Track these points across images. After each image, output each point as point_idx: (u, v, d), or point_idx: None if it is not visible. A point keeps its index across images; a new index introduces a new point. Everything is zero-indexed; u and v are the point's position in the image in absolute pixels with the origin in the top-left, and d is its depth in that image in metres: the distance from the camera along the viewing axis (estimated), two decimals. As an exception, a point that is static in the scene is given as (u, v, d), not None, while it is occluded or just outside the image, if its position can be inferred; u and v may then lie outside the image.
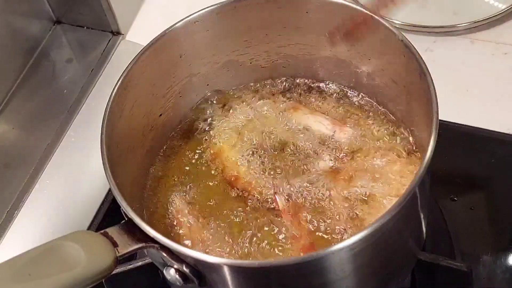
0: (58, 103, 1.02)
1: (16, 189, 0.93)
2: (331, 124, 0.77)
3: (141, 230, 0.59)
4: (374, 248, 0.60)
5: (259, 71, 0.81)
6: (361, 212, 0.69)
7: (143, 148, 0.75)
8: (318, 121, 0.78)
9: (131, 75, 0.70)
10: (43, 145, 0.97)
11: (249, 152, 0.76)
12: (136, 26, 1.11)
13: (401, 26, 0.99)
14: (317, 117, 0.78)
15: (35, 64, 1.06)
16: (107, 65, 1.06)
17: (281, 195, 0.71)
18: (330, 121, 0.77)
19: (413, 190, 0.58)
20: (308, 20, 0.74)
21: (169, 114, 0.78)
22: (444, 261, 0.72)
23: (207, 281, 0.61)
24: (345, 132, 0.76)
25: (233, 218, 0.71)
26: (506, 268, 0.79)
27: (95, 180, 0.92)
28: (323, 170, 0.73)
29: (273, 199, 0.71)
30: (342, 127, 0.77)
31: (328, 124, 0.77)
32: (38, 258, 0.55)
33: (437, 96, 0.62)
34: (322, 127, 0.77)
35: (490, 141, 0.88)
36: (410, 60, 0.66)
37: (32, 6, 1.06)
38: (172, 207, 0.73)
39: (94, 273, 0.56)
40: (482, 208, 0.84)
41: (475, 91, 0.94)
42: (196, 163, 0.77)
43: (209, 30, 0.75)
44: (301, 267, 0.58)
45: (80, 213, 0.90)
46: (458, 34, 1.00)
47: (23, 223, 0.91)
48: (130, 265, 0.73)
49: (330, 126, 0.77)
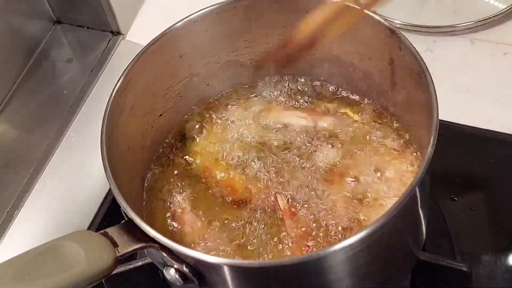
0: (58, 103, 1.02)
1: (16, 189, 0.93)
2: (309, 116, 0.77)
3: (141, 230, 0.59)
4: (374, 248, 0.60)
5: (259, 71, 0.81)
6: (361, 212, 0.69)
7: (143, 148, 0.75)
8: (295, 115, 0.78)
9: (131, 75, 0.70)
10: (43, 145, 0.97)
11: (240, 161, 0.75)
12: (136, 26, 1.11)
13: (401, 26, 0.99)
14: (293, 112, 0.78)
15: (35, 64, 1.06)
16: (107, 65, 1.06)
17: (282, 196, 0.71)
18: (306, 112, 0.77)
19: (413, 190, 0.58)
20: (308, 20, 0.74)
21: (169, 114, 0.78)
22: (444, 261, 0.72)
23: (207, 281, 0.61)
24: (326, 120, 0.76)
25: (235, 219, 0.71)
26: (506, 268, 0.79)
27: (95, 180, 0.92)
28: (323, 163, 0.73)
29: (273, 201, 0.71)
30: (321, 116, 0.76)
31: (306, 116, 0.77)
32: (38, 258, 0.55)
33: (437, 96, 0.62)
34: (302, 121, 0.77)
35: (490, 141, 0.88)
36: (410, 60, 0.66)
37: (32, 6, 1.06)
38: (174, 206, 0.73)
39: (94, 273, 0.56)
40: (482, 208, 0.84)
41: (475, 91, 0.94)
42: (194, 166, 0.77)
43: (209, 30, 0.75)
44: (301, 267, 0.58)
45: (80, 213, 0.90)
46: (458, 34, 1.00)
47: (23, 223, 0.91)
48: (130, 265, 0.73)
49: (310, 118, 0.77)
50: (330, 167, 0.73)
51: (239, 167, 0.75)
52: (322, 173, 0.73)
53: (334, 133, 0.75)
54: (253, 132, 0.77)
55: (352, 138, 0.75)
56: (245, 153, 0.76)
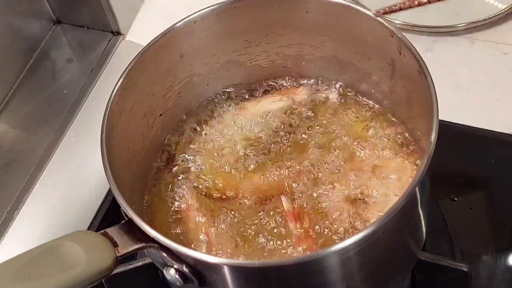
0: (58, 103, 1.02)
1: (16, 189, 0.93)
2: (282, 95, 0.78)
3: (141, 230, 0.59)
4: (374, 248, 0.60)
5: (259, 71, 0.81)
6: (361, 212, 0.69)
7: (143, 148, 0.75)
8: (270, 101, 0.78)
9: (131, 75, 0.70)
10: (43, 145, 0.97)
11: (238, 165, 0.75)
12: (136, 26, 1.11)
13: (401, 26, 0.99)
14: (266, 99, 0.79)
15: (35, 64, 1.06)
16: (107, 65, 1.06)
17: (286, 197, 0.71)
18: (279, 94, 0.78)
19: (413, 190, 0.58)
20: (308, 20, 0.74)
21: (169, 114, 0.78)
22: (444, 261, 0.72)
23: (207, 281, 0.61)
24: (300, 93, 0.76)
25: (237, 219, 0.71)
26: (506, 268, 0.79)
27: (95, 180, 0.92)
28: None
29: (274, 201, 0.71)
30: (294, 91, 0.77)
31: (280, 97, 0.78)
32: (38, 258, 0.55)
33: (437, 96, 0.62)
34: (279, 103, 0.77)
35: (490, 141, 0.88)
36: (410, 60, 0.66)
37: (32, 6, 1.06)
38: (175, 205, 0.73)
39: (94, 273, 0.56)
40: (482, 208, 0.84)
41: (475, 91, 0.94)
42: (195, 166, 0.77)
43: (209, 30, 0.75)
44: (301, 267, 0.58)
45: (80, 213, 0.90)
46: (458, 34, 1.00)
47: (23, 223, 0.91)
48: (130, 265, 0.73)
49: (284, 97, 0.77)
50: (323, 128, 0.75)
51: (239, 163, 0.75)
52: (323, 167, 0.73)
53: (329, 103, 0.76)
54: (239, 136, 0.78)
55: (350, 134, 0.76)
56: (245, 147, 0.76)
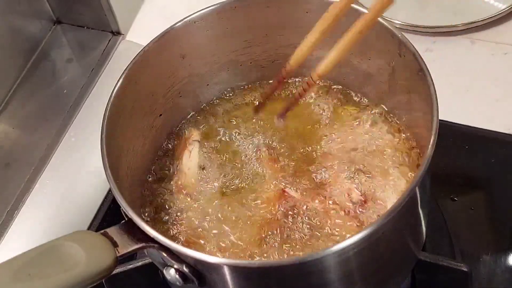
0: (58, 103, 1.02)
1: (16, 189, 0.94)
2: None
3: (141, 230, 0.59)
4: (374, 248, 0.60)
5: (259, 71, 0.81)
6: (361, 212, 0.69)
7: (143, 148, 0.75)
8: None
9: (131, 75, 0.70)
10: (43, 145, 0.98)
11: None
12: (136, 26, 1.11)
13: (401, 26, 0.99)
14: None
15: (35, 64, 1.06)
16: (107, 65, 1.06)
17: (289, 189, 0.71)
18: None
19: (413, 190, 0.58)
20: (308, 20, 0.74)
21: (169, 114, 0.78)
22: (444, 261, 0.72)
23: (207, 281, 0.61)
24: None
25: (240, 216, 0.71)
26: (506, 268, 0.79)
27: (95, 180, 0.92)
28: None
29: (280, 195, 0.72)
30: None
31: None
32: (38, 258, 0.55)
33: (437, 96, 0.62)
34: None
35: (490, 141, 0.88)
36: (410, 60, 0.66)
37: (32, 6, 1.06)
38: (175, 205, 0.73)
39: (94, 273, 0.56)
40: (482, 208, 0.84)
41: (475, 91, 0.94)
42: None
43: (209, 30, 0.75)
44: (301, 267, 0.58)
45: (80, 213, 0.90)
46: (458, 34, 1.00)
47: (23, 223, 0.91)
48: (130, 265, 0.73)
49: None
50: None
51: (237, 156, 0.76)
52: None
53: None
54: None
55: (352, 136, 0.76)
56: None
